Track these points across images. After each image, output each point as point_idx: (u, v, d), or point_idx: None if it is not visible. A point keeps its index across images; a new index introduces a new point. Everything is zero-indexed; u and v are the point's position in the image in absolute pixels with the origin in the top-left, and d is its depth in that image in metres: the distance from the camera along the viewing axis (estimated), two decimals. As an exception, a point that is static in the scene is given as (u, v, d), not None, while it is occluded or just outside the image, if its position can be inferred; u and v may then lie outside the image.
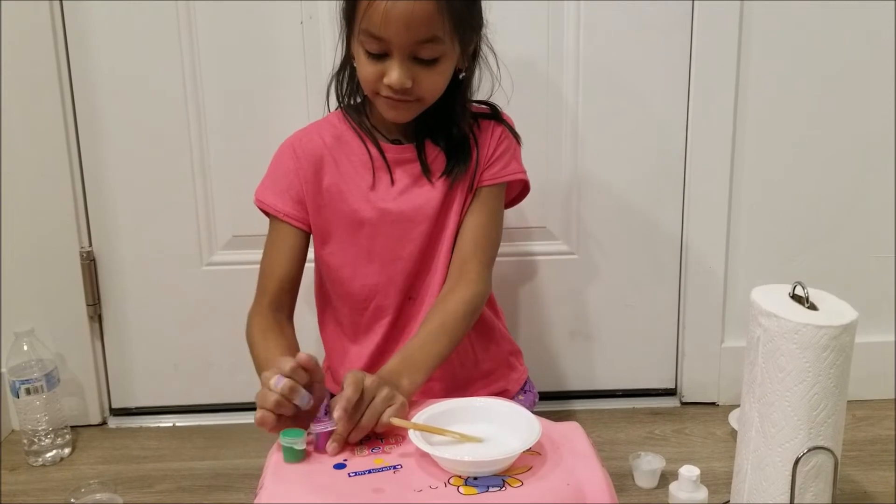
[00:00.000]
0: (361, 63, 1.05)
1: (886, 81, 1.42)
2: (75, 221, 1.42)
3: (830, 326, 0.94)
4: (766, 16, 1.38)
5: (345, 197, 1.13)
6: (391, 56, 1.02)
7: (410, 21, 0.99)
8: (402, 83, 1.02)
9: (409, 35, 1.00)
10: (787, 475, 0.98)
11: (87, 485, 1.22)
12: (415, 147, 1.14)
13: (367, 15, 0.99)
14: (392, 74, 1.02)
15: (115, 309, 1.48)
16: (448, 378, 1.18)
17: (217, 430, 1.48)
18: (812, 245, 1.49)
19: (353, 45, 1.06)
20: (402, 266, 1.15)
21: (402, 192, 1.13)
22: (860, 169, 1.46)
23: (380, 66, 1.03)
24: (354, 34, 1.04)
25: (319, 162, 1.13)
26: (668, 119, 1.44)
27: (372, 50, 1.02)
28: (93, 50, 1.36)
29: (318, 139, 1.14)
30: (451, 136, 1.14)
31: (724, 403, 1.54)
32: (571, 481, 0.86)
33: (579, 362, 1.56)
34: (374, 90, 1.06)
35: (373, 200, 1.13)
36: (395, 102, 1.06)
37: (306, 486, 0.84)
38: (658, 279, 1.52)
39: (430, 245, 1.16)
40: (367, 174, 1.13)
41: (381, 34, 0.99)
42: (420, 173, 1.14)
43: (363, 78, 1.06)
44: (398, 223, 1.13)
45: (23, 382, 1.34)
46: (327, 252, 1.16)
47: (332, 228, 1.14)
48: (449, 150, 1.14)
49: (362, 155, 1.13)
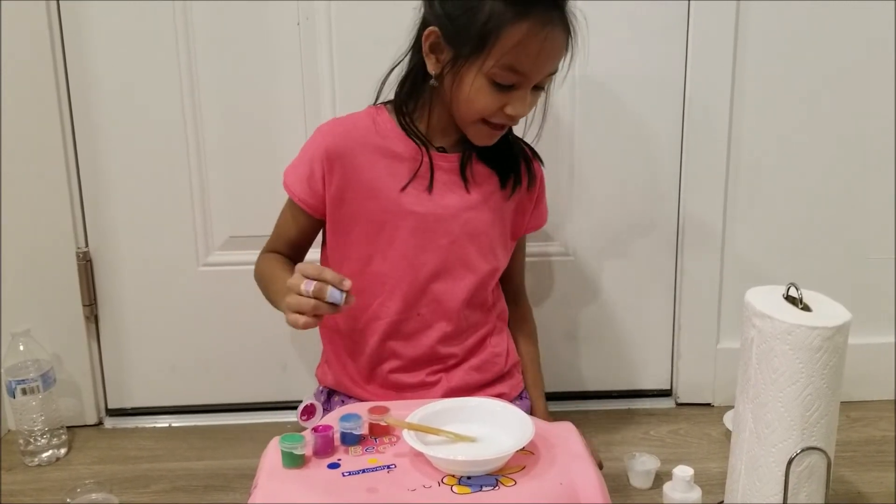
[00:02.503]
0: (482, 93, 1.02)
1: (883, 82, 1.42)
2: (72, 222, 1.41)
3: (824, 328, 0.94)
4: (763, 16, 1.38)
5: (374, 194, 1.11)
6: (519, 88, 1.02)
7: (554, 58, 1.02)
8: (526, 114, 1.05)
9: (548, 69, 1.02)
10: (780, 475, 0.98)
11: (83, 485, 1.22)
12: (459, 157, 1.13)
13: (514, 50, 0.98)
14: (520, 107, 1.02)
15: (111, 309, 1.48)
16: (462, 383, 1.18)
17: (213, 431, 1.48)
18: (808, 247, 1.50)
19: (467, 73, 1.02)
20: (413, 276, 1.14)
21: (433, 199, 1.12)
22: (855, 171, 1.47)
23: (504, 97, 1.02)
24: (478, 63, 1.00)
25: (352, 153, 1.11)
26: (664, 121, 1.44)
27: (505, 82, 1.01)
28: (89, 51, 1.36)
29: (355, 132, 1.12)
30: (505, 155, 1.15)
31: (719, 404, 1.54)
32: (565, 481, 0.86)
33: (575, 363, 1.56)
34: (484, 118, 1.05)
35: (402, 202, 1.11)
36: (498, 131, 1.07)
37: (300, 485, 0.85)
38: (653, 280, 1.53)
39: (448, 261, 1.15)
40: (404, 175, 1.11)
41: (526, 70, 1.00)
42: (455, 184, 1.13)
43: (477, 107, 1.04)
44: (419, 230, 1.12)
45: (19, 382, 1.34)
46: (341, 242, 1.15)
47: (352, 221, 1.13)
48: (503, 166, 1.16)
49: (403, 155, 1.11)
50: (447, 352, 1.18)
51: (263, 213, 1.43)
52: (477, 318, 1.20)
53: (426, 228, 1.12)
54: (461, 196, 1.14)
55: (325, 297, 0.91)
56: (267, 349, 1.50)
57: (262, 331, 1.46)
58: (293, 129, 1.40)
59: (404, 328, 1.16)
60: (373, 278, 1.15)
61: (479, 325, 1.21)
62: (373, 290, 1.15)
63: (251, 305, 1.27)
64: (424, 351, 1.17)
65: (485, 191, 1.16)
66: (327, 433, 0.91)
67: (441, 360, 1.18)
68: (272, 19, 1.36)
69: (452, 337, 1.18)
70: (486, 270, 1.18)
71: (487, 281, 1.20)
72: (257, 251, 1.22)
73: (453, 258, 1.15)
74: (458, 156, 1.14)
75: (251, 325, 1.47)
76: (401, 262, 1.14)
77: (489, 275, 1.19)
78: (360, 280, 1.14)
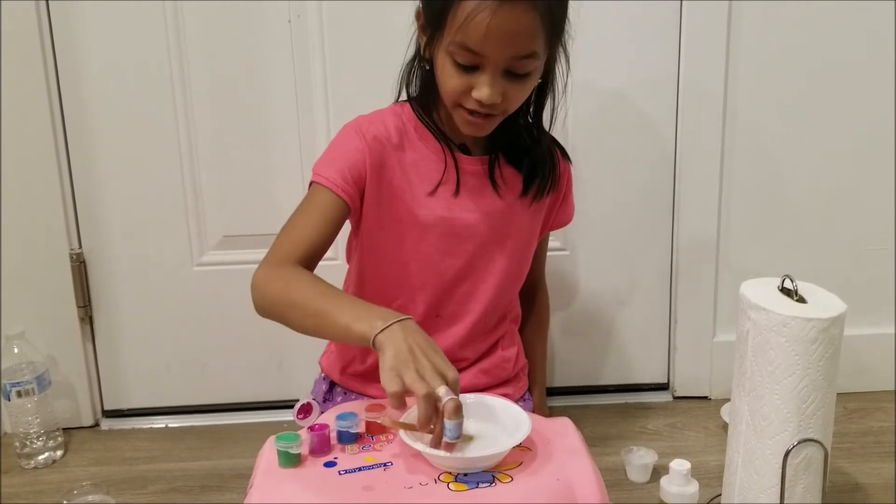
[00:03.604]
0: (447, 73, 0.98)
1: (877, 76, 1.42)
2: (65, 223, 1.41)
3: (819, 319, 0.94)
4: (755, 14, 1.38)
5: (403, 195, 1.07)
6: (483, 70, 0.95)
7: (512, 37, 0.93)
8: (493, 99, 0.96)
9: (509, 51, 0.94)
10: (777, 468, 0.98)
11: (79, 487, 1.21)
12: (488, 160, 1.10)
13: (464, 26, 0.92)
14: (483, 90, 0.96)
15: (106, 310, 1.48)
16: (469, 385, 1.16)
17: (210, 431, 1.48)
18: (803, 239, 1.50)
19: (437, 52, 0.99)
20: (437, 279, 1.11)
21: (461, 203, 1.08)
22: (849, 164, 1.47)
23: (468, 78, 0.96)
24: (441, 41, 0.97)
25: (384, 153, 1.06)
26: (659, 117, 1.44)
27: (463, 62, 0.95)
28: (80, 51, 1.36)
29: (385, 129, 1.07)
30: (534, 157, 1.10)
31: (716, 397, 1.54)
32: (561, 477, 0.86)
33: (572, 358, 1.56)
34: (456, 102, 1.00)
35: (430, 205, 1.08)
36: (477, 117, 1.00)
37: (296, 484, 0.84)
38: (650, 275, 1.53)
39: (472, 266, 1.12)
40: (432, 177, 1.07)
41: (479, 49, 0.93)
42: (484, 188, 1.09)
43: (447, 89, 0.99)
44: (446, 234, 1.09)
45: (14, 385, 1.34)
46: (371, 243, 1.11)
47: (383, 221, 1.09)
48: (531, 173, 1.11)
49: (430, 156, 1.08)
50: (461, 356, 1.16)
51: (257, 212, 1.43)
52: (495, 323, 1.19)
53: (454, 233, 1.09)
54: (491, 200, 1.10)
55: (448, 421, 0.82)
56: (262, 348, 1.50)
57: (258, 330, 1.44)
58: (285, 127, 1.40)
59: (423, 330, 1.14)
60: (397, 280, 1.12)
61: (494, 331, 1.19)
62: (395, 292, 1.12)
63: (246, 305, 1.26)
64: None
65: (514, 194, 1.12)
66: (323, 432, 0.90)
67: (453, 362, 1.16)
68: (263, 17, 1.36)
69: (468, 341, 1.16)
70: (512, 274, 1.16)
71: (512, 285, 1.18)
72: (251, 250, 1.20)
73: (479, 262, 1.12)
74: (484, 158, 1.10)
75: (246, 324, 1.45)
76: (426, 265, 1.11)
77: (514, 279, 1.18)
78: (384, 282, 1.13)
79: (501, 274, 1.14)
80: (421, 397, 0.81)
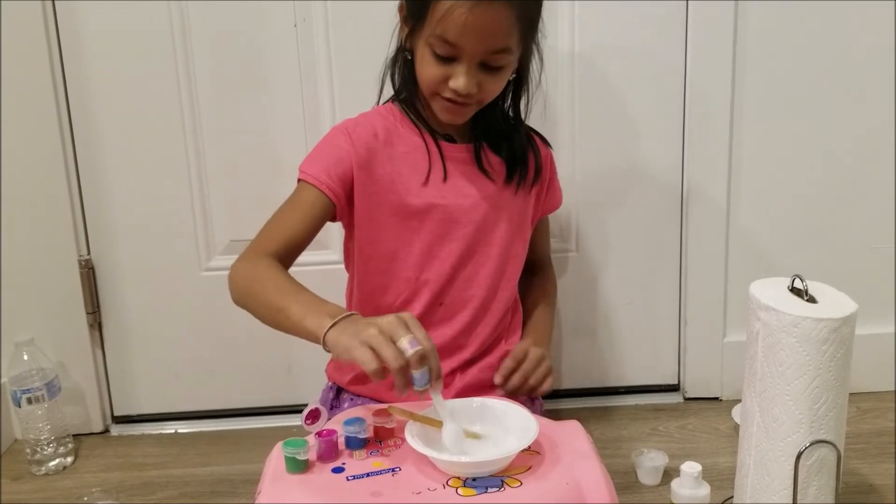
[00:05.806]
0: (426, 64, 1.05)
1: (883, 76, 1.41)
2: (73, 230, 1.41)
3: (830, 319, 0.93)
4: (762, 13, 1.37)
5: (396, 188, 1.12)
6: (459, 61, 1.02)
7: (488, 32, 1.00)
8: (469, 90, 1.03)
9: (484, 45, 1.01)
10: (789, 470, 0.97)
11: (90, 493, 1.22)
12: (473, 148, 1.15)
13: (443, 20, 0.99)
14: (459, 80, 1.03)
15: (114, 316, 1.48)
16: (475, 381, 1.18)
17: (219, 436, 1.48)
18: (813, 237, 1.49)
19: (417, 43, 1.05)
20: (438, 266, 1.14)
21: (453, 189, 1.13)
22: (857, 162, 1.46)
23: (446, 68, 1.03)
24: (422, 33, 1.03)
25: (373, 150, 1.11)
26: (666, 114, 1.44)
27: (441, 53, 1.02)
28: (87, 56, 1.36)
29: (371, 128, 1.13)
30: (512, 143, 1.16)
31: (727, 398, 1.53)
32: (570, 480, 0.85)
33: (581, 360, 1.56)
34: (434, 91, 1.06)
35: (423, 194, 1.12)
36: (453, 105, 1.07)
37: (304, 490, 0.84)
38: (659, 275, 1.52)
39: (471, 250, 1.15)
40: (422, 167, 1.12)
41: (456, 41, 1.00)
42: (473, 174, 1.15)
43: (425, 78, 1.06)
44: (443, 221, 1.13)
45: (24, 392, 1.34)
46: (368, 240, 1.14)
47: (378, 216, 1.13)
48: (511, 158, 1.17)
49: (418, 148, 1.13)
50: (465, 343, 1.18)
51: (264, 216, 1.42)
52: (498, 315, 1.20)
53: (451, 219, 1.14)
54: (483, 185, 1.15)
55: (416, 369, 0.84)
56: (271, 353, 1.49)
57: (266, 335, 1.43)
58: (292, 131, 1.40)
59: (427, 320, 1.15)
60: (399, 275, 1.15)
61: (498, 323, 1.20)
62: (400, 286, 1.15)
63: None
64: (445, 342, 1.15)
65: (503, 179, 1.17)
66: (331, 437, 0.90)
67: (458, 351, 1.17)
68: (269, 21, 1.36)
69: (472, 328, 1.18)
70: (510, 257, 1.19)
71: (511, 268, 1.20)
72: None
73: (477, 246, 1.16)
74: (469, 146, 1.15)
75: (255, 328, 1.45)
76: (427, 255, 1.14)
77: (513, 262, 1.20)
78: (386, 279, 1.15)
79: (500, 257, 1.18)
80: (390, 359, 0.83)
